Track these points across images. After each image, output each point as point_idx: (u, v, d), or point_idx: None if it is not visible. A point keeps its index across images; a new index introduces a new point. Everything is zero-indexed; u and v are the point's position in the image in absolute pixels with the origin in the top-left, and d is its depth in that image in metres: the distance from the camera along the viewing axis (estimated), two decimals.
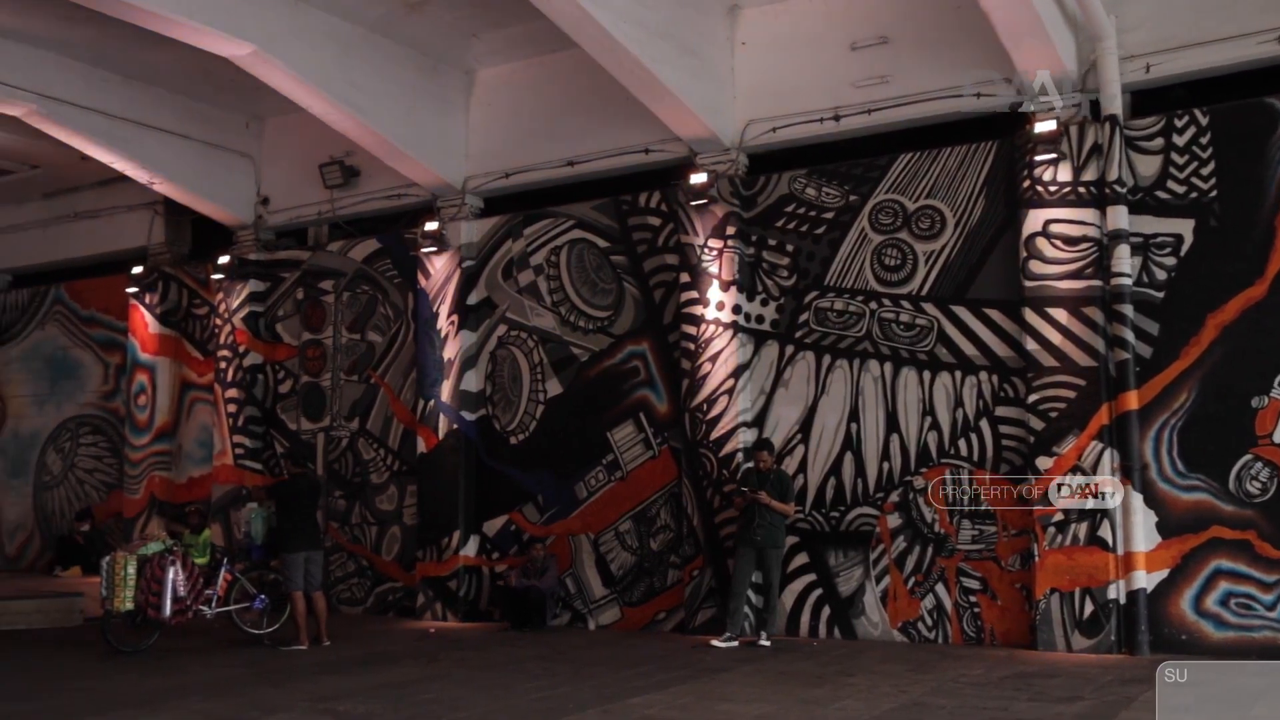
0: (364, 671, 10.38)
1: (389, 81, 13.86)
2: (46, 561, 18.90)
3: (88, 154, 15.63)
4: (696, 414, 12.71)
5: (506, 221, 14.59)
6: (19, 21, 13.31)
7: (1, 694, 9.41)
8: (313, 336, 16.18)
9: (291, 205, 16.41)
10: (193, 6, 11.65)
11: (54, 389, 19.75)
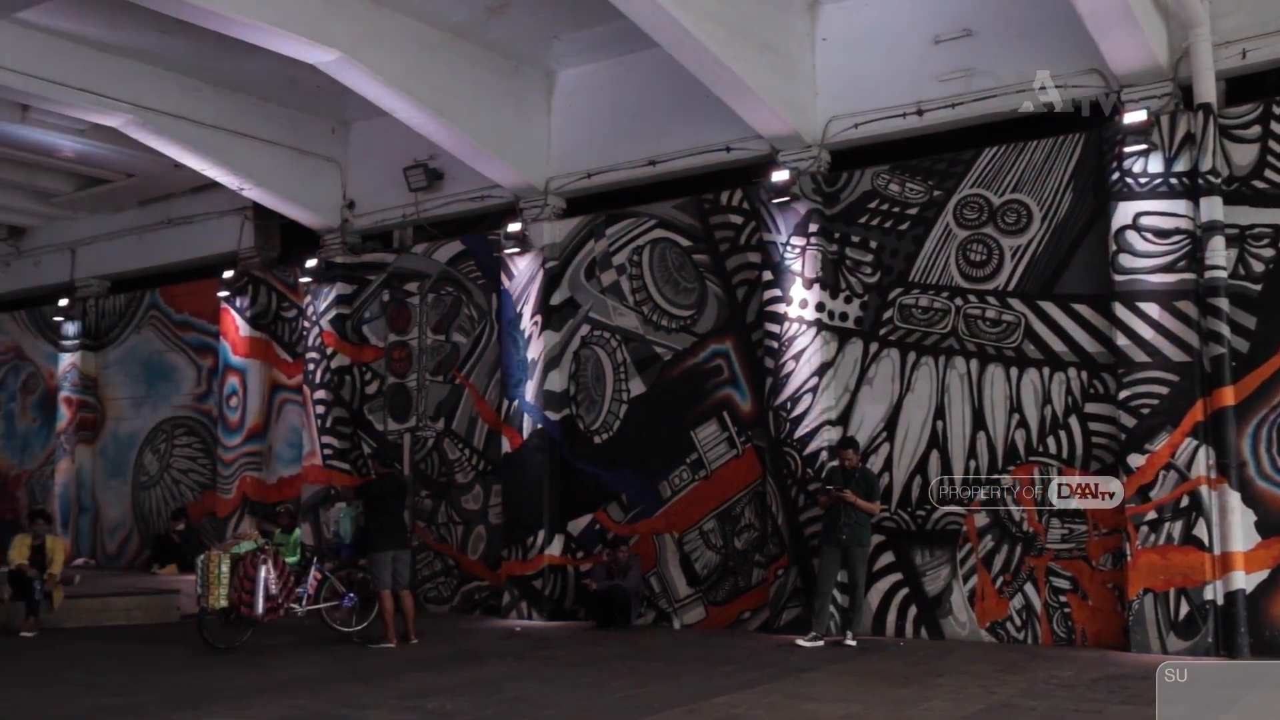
0: (451, 669, 10.47)
1: (471, 84, 13.97)
2: (144, 559, 19.34)
3: (181, 162, 15.98)
4: (780, 412, 12.65)
5: (589, 222, 14.63)
6: (117, 35, 13.64)
7: (104, 687, 9.65)
8: (398, 338, 16.37)
9: (377, 208, 16.62)
10: (280, 15, 11.85)
11: (150, 391, 20.20)
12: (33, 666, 11.00)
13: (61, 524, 20.01)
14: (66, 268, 21.29)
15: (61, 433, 20.99)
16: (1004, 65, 11.76)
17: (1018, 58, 11.69)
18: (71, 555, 17.89)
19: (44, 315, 21.93)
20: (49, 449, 21.54)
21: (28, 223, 21.71)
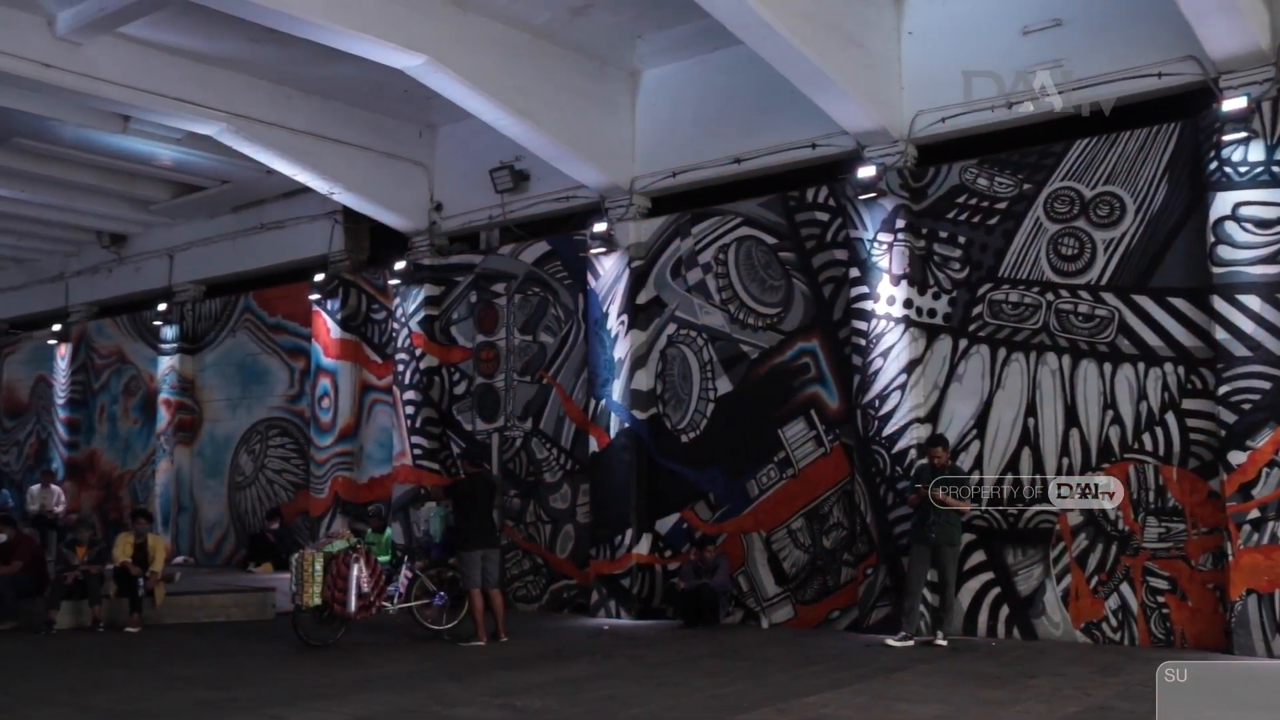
0: (540, 667, 10.53)
1: (556, 85, 14.04)
2: (241, 558, 19.73)
3: (273, 168, 16.29)
4: (868, 410, 12.54)
5: (674, 220, 14.63)
6: (211, 46, 13.94)
7: (204, 682, 9.87)
8: (486, 338, 16.52)
9: (463, 210, 16.78)
10: (367, 21, 12.02)
11: (245, 393, 20.61)
12: (138, 660, 11.29)
13: (162, 523, 20.50)
14: (165, 273, 21.81)
15: (161, 434, 21.49)
16: (1096, 54, 11.52)
17: (1109, 47, 11.45)
18: (172, 553, 18.32)
19: (144, 320, 22.49)
20: (150, 450, 22.09)
21: (128, 230, 22.30)
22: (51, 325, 24.12)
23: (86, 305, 23.86)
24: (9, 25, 12.65)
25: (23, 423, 25.62)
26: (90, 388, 23.83)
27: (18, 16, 12.72)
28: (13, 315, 25.72)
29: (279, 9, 11.39)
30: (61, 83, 13.35)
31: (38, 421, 25.15)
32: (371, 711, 8.53)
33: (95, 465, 23.56)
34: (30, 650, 12.16)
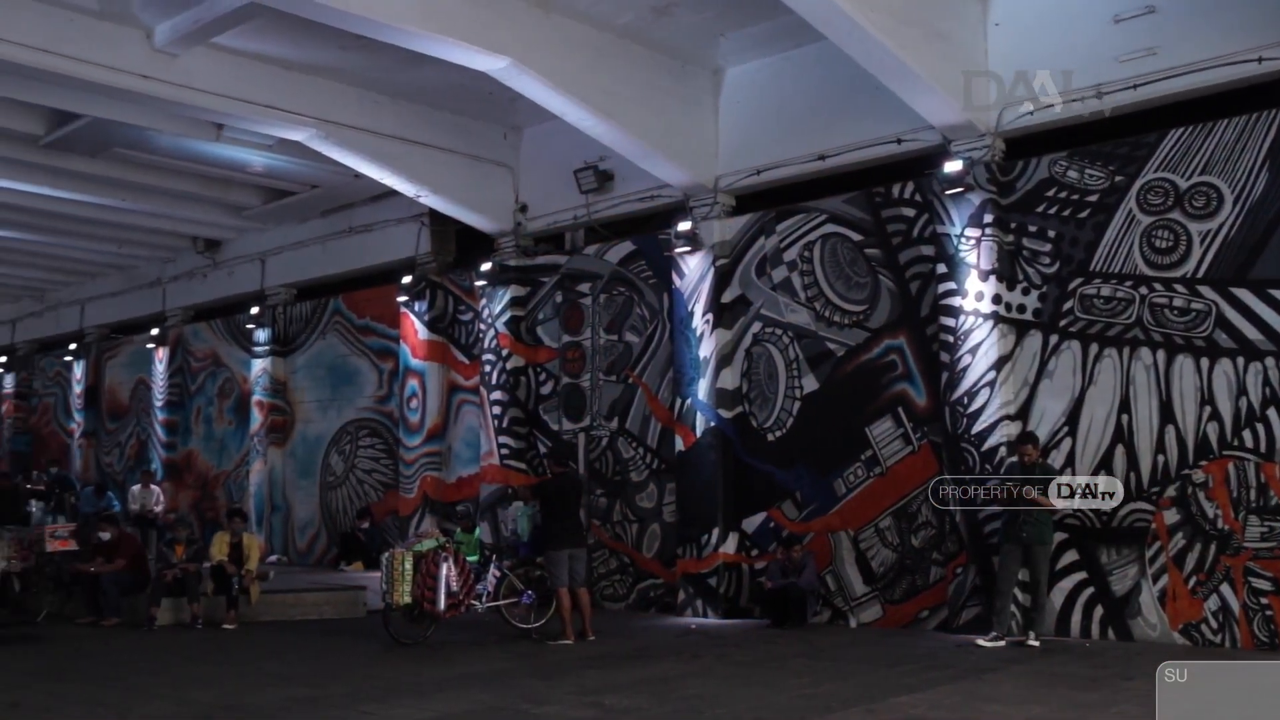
0: (628, 666, 10.56)
1: (639, 85, 14.06)
2: (332, 556, 20.04)
3: (361, 172, 16.52)
4: (957, 407, 12.37)
5: (759, 218, 14.57)
6: (300, 53, 14.18)
7: (298, 679, 10.04)
8: (572, 338, 16.59)
9: (549, 211, 16.87)
10: (452, 25, 12.13)
11: (335, 394, 20.93)
12: (234, 657, 11.51)
13: (256, 522, 20.88)
14: (257, 277, 22.24)
15: (254, 435, 21.91)
16: (1191, 41, 11.23)
17: (1205, 32, 11.16)
18: (266, 552, 18.65)
19: (237, 323, 22.95)
20: (244, 450, 22.52)
21: (222, 235, 22.78)
22: (150, 329, 24.73)
23: (183, 309, 24.42)
24: (110, 40, 12.99)
25: (124, 424, 26.29)
26: (187, 390, 24.37)
27: (118, 31, 13.05)
28: (113, 320, 26.40)
29: (367, 15, 11.55)
30: (159, 93, 13.69)
31: (138, 423, 25.78)
32: (461, 709, 8.61)
33: (192, 466, 24.10)
34: (133, 645, 12.48)
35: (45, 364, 28.99)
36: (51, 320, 28.17)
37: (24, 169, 18.00)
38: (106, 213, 20.65)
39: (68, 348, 27.35)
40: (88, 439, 26.90)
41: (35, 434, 29.17)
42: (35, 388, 29.34)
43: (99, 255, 24.58)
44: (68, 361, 27.48)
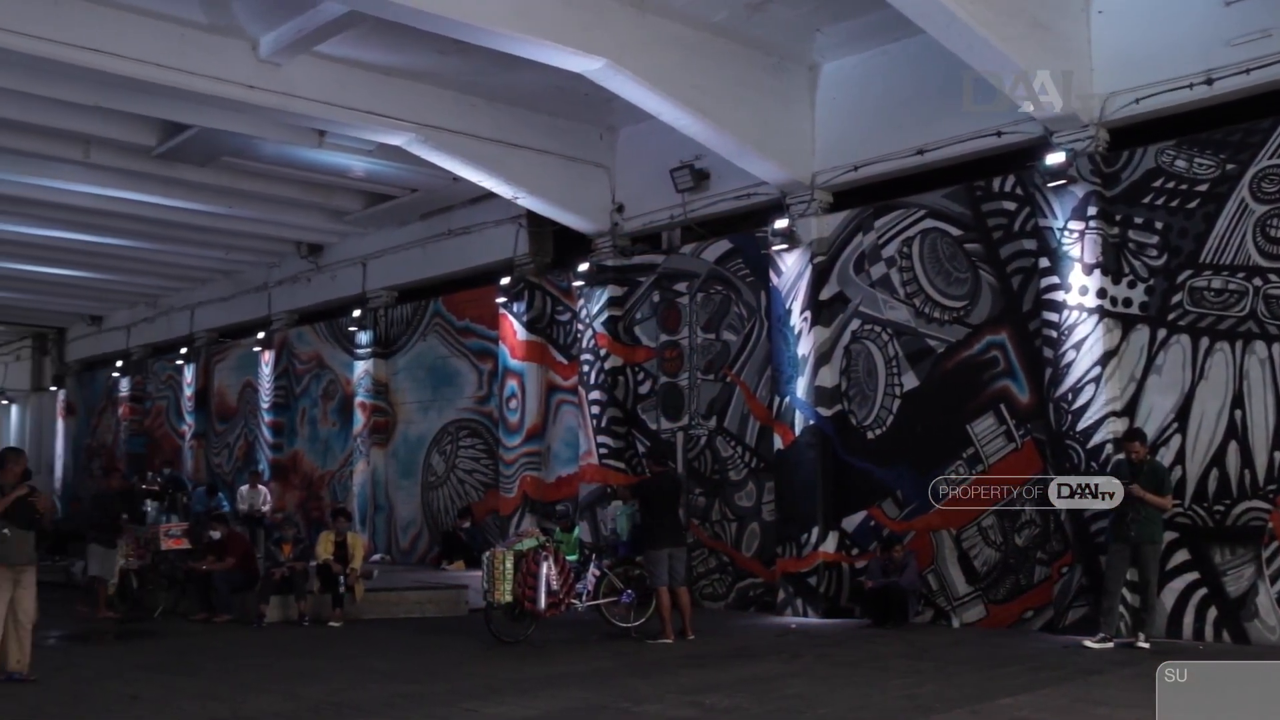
0: (728, 666, 10.53)
1: (734, 82, 14.02)
2: (434, 556, 20.29)
3: (460, 175, 16.70)
4: (1061, 404, 12.13)
5: (856, 215, 14.44)
6: (399, 59, 14.39)
7: (402, 676, 10.18)
8: (670, 337, 16.60)
9: (645, 211, 16.90)
10: (547, 27, 12.21)
11: (435, 395, 21.19)
12: (340, 654, 11.72)
13: (359, 521, 21.21)
14: (359, 280, 22.60)
15: (357, 435, 22.27)
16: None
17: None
18: (370, 551, 18.96)
19: (340, 326, 23.35)
20: (347, 451, 22.90)
21: (325, 240, 23.20)
22: (256, 333, 25.27)
23: (287, 313, 24.91)
24: (217, 52, 13.31)
25: (232, 426, 26.91)
26: (292, 392, 24.86)
27: (225, 43, 13.37)
28: (222, 325, 27.04)
29: (464, 20, 11.68)
30: (263, 102, 13.98)
31: (245, 425, 26.37)
32: (562, 707, 8.66)
33: (298, 466, 24.58)
34: (243, 641, 12.78)
35: (158, 368, 29.79)
36: (164, 325, 28.95)
37: (138, 179, 18.54)
38: (215, 220, 21.18)
39: (179, 352, 28.07)
40: (198, 440, 27.58)
41: (149, 436, 29.99)
42: (149, 391, 30.16)
43: (208, 261, 25.21)
44: (179, 365, 28.19)
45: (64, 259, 24.52)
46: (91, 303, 30.33)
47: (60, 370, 33.80)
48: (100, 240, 22.73)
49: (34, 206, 20.08)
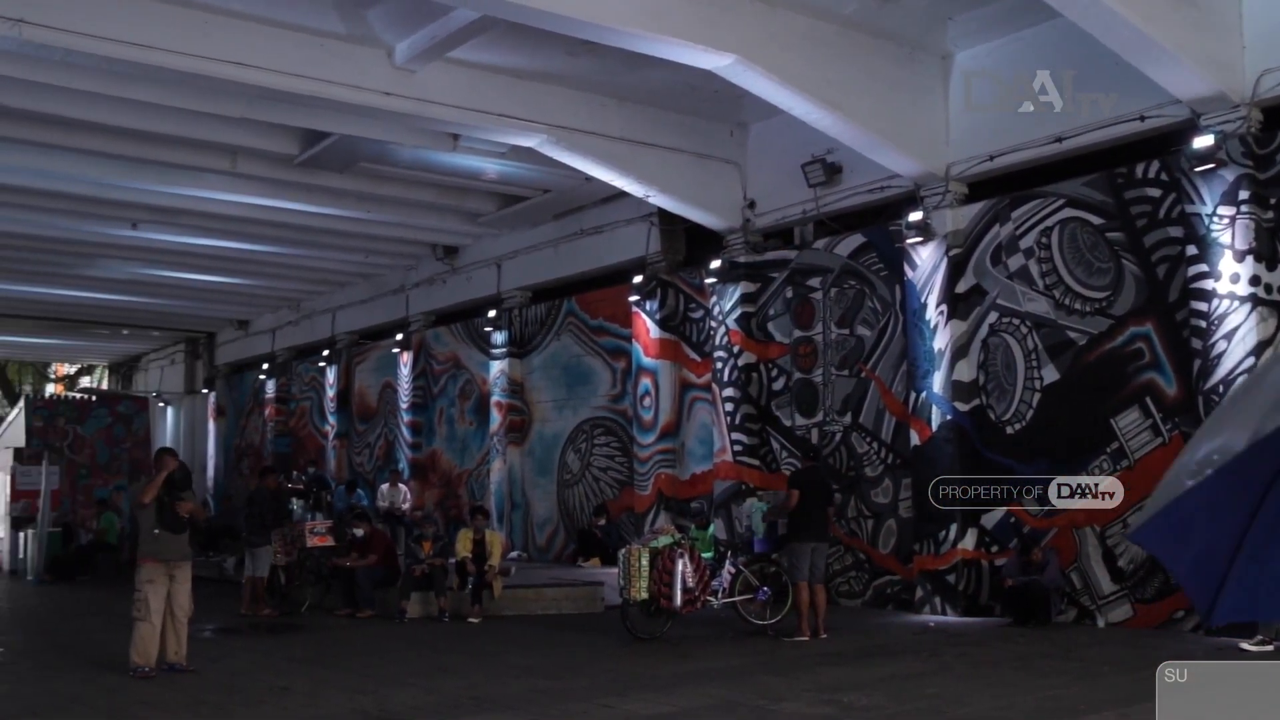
0: (865, 664, 10.42)
1: (866, 75, 13.86)
2: (570, 553, 20.47)
3: (591, 175, 16.82)
4: (1211, 397, 11.70)
5: (992, 205, 14.15)
6: (530, 61, 14.56)
7: (540, 671, 10.31)
8: (803, 333, 16.48)
9: (777, 206, 16.81)
10: (677, 25, 12.22)
11: (570, 394, 21.37)
12: (479, 649, 11.92)
13: (497, 519, 21.50)
14: (493, 281, 22.92)
15: (494, 434, 22.57)
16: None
17: None
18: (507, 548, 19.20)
19: (476, 326, 23.69)
20: (484, 450, 23.23)
21: (460, 242, 23.59)
22: (395, 335, 25.81)
23: (424, 315, 25.38)
24: (354, 60, 13.65)
25: (372, 426, 27.53)
26: (430, 392, 25.32)
27: (361, 51, 13.69)
28: (361, 327, 27.69)
29: (594, 20, 11.76)
30: (400, 108, 14.29)
31: (385, 425, 26.94)
32: (698, 704, 8.67)
33: (436, 465, 25.03)
34: (386, 636, 13.08)
35: (301, 370, 30.63)
36: (306, 328, 29.76)
37: (280, 187, 19.12)
38: (354, 224, 21.70)
39: (321, 354, 28.81)
40: (340, 440, 28.29)
41: (294, 436, 30.86)
42: (293, 393, 31.03)
43: (347, 265, 25.85)
44: (321, 367, 28.93)
45: (213, 266, 25.42)
46: (239, 307, 31.37)
47: (210, 373, 34.98)
48: (246, 247, 23.50)
49: (185, 216, 20.86)
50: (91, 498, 27.55)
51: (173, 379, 37.13)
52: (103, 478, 28.96)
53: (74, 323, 32.37)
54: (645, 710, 8.50)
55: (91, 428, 29.58)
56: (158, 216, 20.88)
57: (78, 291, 27.71)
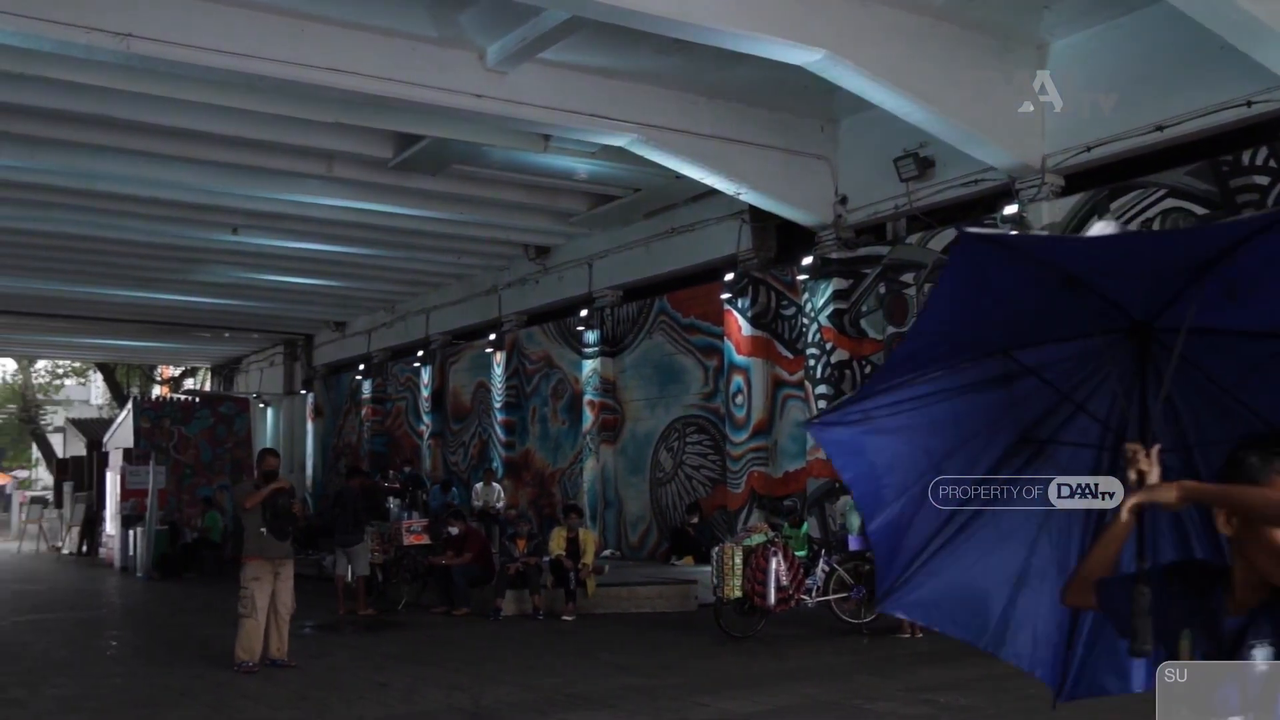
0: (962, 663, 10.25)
1: (958, 67, 13.64)
2: (663, 551, 20.47)
3: (682, 173, 16.80)
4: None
5: (1090, 197, 13.85)
6: (619, 60, 14.58)
7: (633, 669, 10.34)
8: (897, 329, 16.30)
9: (868, 202, 16.64)
10: (766, 21, 12.15)
11: (662, 392, 21.38)
12: (572, 647, 11.98)
13: (590, 518, 21.57)
14: (585, 281, 23.02)
15: (587, 433, 22.66)
16: None
17: None
18: (600, 547, 19.27)
19: (568, 326, 23.83)
20: (577, 449, 23.35)
21: (551, 242, 23.73)
22: (488, 335, 26.06)
23: (517, 315, 25.58)
24: (447, 64, 13.78)
25: (466, 425, 27.82)
26: (523, 392, 25.51)
27: (454, 55, 13.83)
28: (455, 327, 28.00)
29: (683, 19, 11.73)
30: (491, 110, 14.40)
31: (479, 424, 27.22)
32: (792, 703, 8.62)
33: (529, 464, 25.21)
34: (481, 633, 13.21)
35: (397, 370, 31.05)
36: (401, 329, 30.17)
37: (375, 190, 19.40)
38: (447, 226, 21.96)
39: (416, 354, 29.18)
40: (435, 439, 28.63)
41: (390, 436, 31.31)
42: (389, 393, 31.49)
43: (441, 266, 26.15)
44: (416, 367, 29.31)
45: (310, 269, 25.92)
46: (335, 309, 31.93)
47: (309, 374, 35.63)
48: (342, 250, 23.91)
49: (283, 220, 21.31)
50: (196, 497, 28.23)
51: (272, 380, 37.92)
52: (206, 477, 29.64)
53: (178, 326, 33.26)
54: (739, 709, 8.47)
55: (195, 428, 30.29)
56: (257, 221, 21.34)
57: (181, 296, 28.48)
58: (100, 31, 11.67)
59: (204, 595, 18.30)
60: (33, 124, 15.80)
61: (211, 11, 12.37)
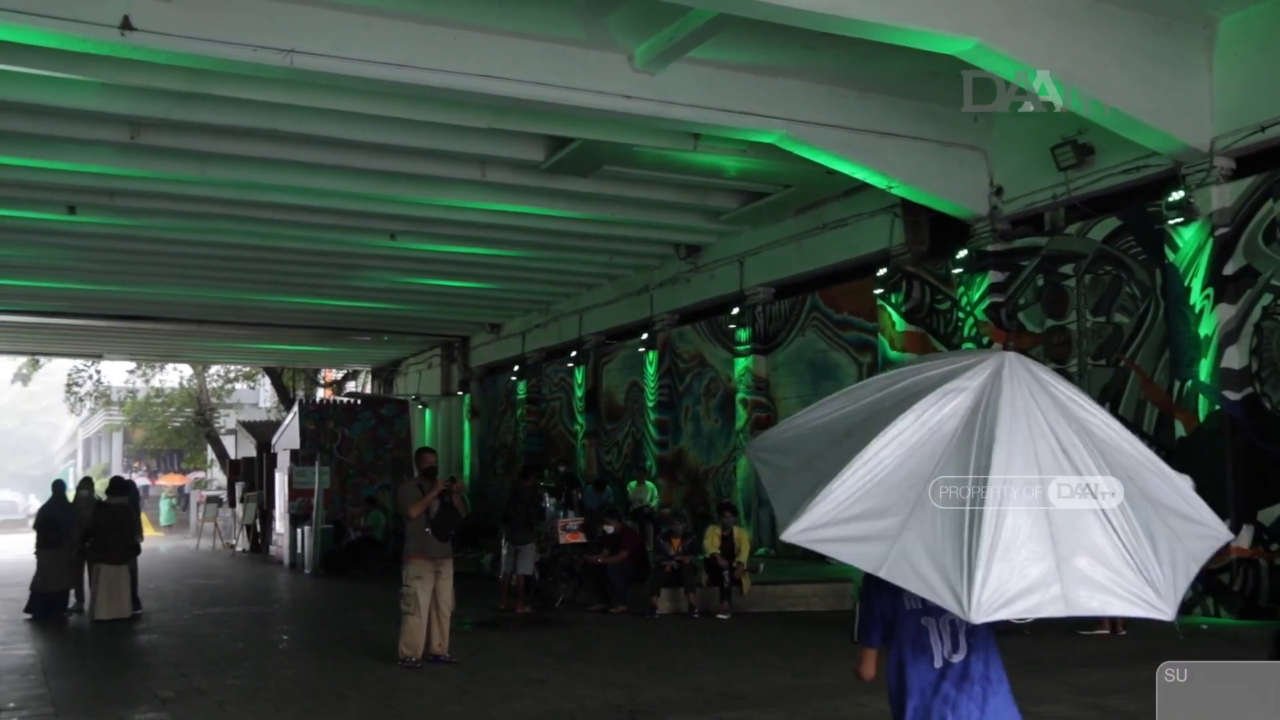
0: (1130, 667, 9.95)
1: (1118, 50, 13.21)
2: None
3: (832, 168, 16.65)
4: None
5: (1264, 180, 13.26)
6: (767, 57, 14.53)
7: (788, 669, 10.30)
8: (1056, 322, 15.87)
9: (1025, 192, 16.25)
10: (917, 12, 11.95)
11: (815, 390, 21.15)
12: (727, 645, 11.99)
13: (744, 516, 21.54)
14: (736, 278, 22.98)
15: (740, 431, 22.62)
16: None
17: None
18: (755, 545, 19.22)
19: (719, 324, 23.81)
20: (730, 447, 23.32)
21: (702, 240, 23.75)
22: (640, 334, 26.21)
23: (669, 314, 25.67)
24: (595, 67, 13.93)
25: (620, 424, 28.03)
26: (676, 390, 25.58)
27: (602, 57, 13.96)
28: (607, 327, 28.24)
29: (832, 13, 11.62)
30: (641, 111, 14.49)
31: (632, 423, 27.39)
32: None
33: (683, 462, 25.26)
34: (637, 631, 13.32)
35: (550, 371, 31.45)
36: (554, 330, 30.56)
37: (528, 193, 19.70)
38: (598, 227, 22.16)
39: (569, 355, 29.53)
40: (589, 439, 28.92)
41: (544, 435, 31.74)
42: (543, 393, 31.92)
43: (593, 267, 26.41)
44: (569, 368, 29.65)
45: (465, 272, 26.44)
46: (490, 311, 32.49)
47: (465, 376, 36.36)
48: (496, 252, 24.33)
49: (439, 225, 21.80)
50: (359, 496, 29.09)
51: (430, 382, 38.82)
52: (368, 477, 30.52)
53: (340, 330, 34.29)
54: None
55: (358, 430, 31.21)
56: (414, 226, 21.87)
57: (342, 301, 29.36)
58: (266, 49, 12.14)
59: (368, 592, 18.86)
60: (203, 140, 16.50)
61: (369, 25, 12.74)
